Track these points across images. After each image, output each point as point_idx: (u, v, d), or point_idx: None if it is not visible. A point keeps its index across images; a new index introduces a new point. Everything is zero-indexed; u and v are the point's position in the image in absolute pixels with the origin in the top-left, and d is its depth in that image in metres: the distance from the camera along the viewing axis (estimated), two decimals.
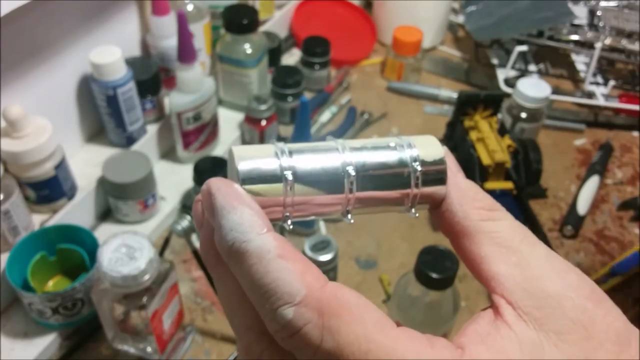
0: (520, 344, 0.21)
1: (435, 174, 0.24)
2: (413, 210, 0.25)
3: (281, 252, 0.20)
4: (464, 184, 0.25)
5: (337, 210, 0.24)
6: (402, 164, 0.24)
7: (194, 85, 0.79)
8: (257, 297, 0.21)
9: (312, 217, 0.24)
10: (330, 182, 0.23)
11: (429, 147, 0.25)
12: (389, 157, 0.24)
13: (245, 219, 0.21)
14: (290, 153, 0.23)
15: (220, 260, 0.23)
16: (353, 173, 0.23)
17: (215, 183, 0.22)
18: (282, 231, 0.68)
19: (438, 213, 0.25)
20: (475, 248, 0.24)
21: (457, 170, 0.25)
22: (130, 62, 0.79)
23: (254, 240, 0.21)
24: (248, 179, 0.22)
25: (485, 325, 0.22)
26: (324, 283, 0.21)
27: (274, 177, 0.23)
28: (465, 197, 0.25)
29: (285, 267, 0.20)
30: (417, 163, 0.24)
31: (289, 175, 0.23)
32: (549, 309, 0.21)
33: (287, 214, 0.23)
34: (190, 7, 0.87)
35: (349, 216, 0.24)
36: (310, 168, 0.23)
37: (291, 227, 0.24)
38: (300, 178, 0.23)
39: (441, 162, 0.25)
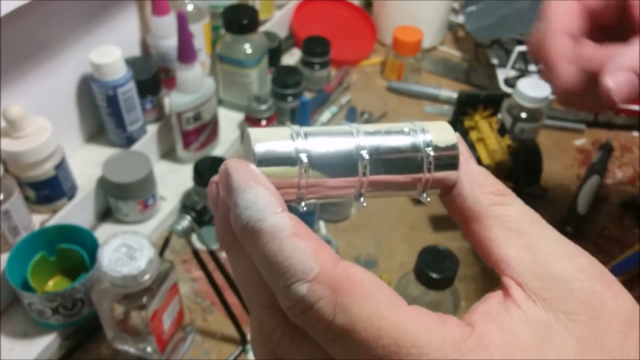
0: (529, 323, 0.21)
1: (447, 159, 0.25)
2: (424, 194, 0.25)
3: (295, 230, 0.21)
4: (475, 170, 0.25)
5: (350, 193, 0.25)
6: (415, 148, 0.25)
7: (194, 85, 0.79)
8: (271, 274, 0.21)
9: (326, 200, 0.25)
10: (344, 165, 0.24)
11: (441, 133, 0.25)
12: (402, 141, 0.25)
13: (260, 197, 0.21)
14: (306, 135, 0.24)
15: (236, 240, 0.23)
16: (367, 157, 0.24)
17: (232, 163, 0.23)
18: None
19: (449, 198, 0.26)
20: (485, 232, 0.24)
21: (469, 156, 0.26)
22: (130, 62, 0.79)
23: (269, 218, 0.21)
24: (264, 161, 0.23)
25: (495, 305, 0.22)
26: (336, 261, 0.21)
27: (289, 159, 0.23)
28: (476, 182, 0.25)
29: (299, 245, 0.21)
30: (430, 148, 0.25)
31: (303, 157, 0.23)
32: (558, 290, 0.21)
33: (302, 195, 0.24)
34: (190, 7, 0.87)
35: (362, 199, 0.25)
36: (325, 151, 0.24)
37: (305, 208, 0.24)
38: (315, 160, 0.23)
39: (454, 147, 0.25)
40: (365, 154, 0.24)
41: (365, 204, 0.25)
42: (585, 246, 0.23)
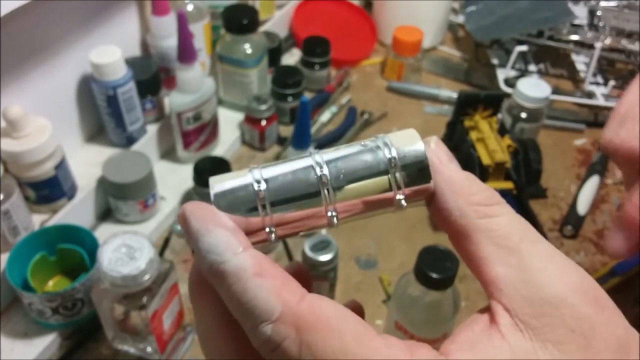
0: (512, 354, 0.20)
1: (416, 172, 0.23)
2: (403, 202, 0.24)
3: (257, 269, 0.21)
4: (457, 177, 0.24)
5: (321, 223, 0.24)
6: (379, 166, 0.23)
7: (194, 85, 0.79)
8: (239, 315, 0.21)
9: (300, 233, 0.24)
10: (306, 194, 0.23)
11: (407, 144, 0.23)
12: (364, 160, 0.23)
13: (220, 240, 0.21)
14: (265, 174, 0.23)
15: (198, 291, 0.24)
16: (328, 182, 0.23)
17: (189, 207, 0.23)
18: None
19: (434, 209, 0.24)
20: (474, 248, 0.23)
21: (448, 160, 0.24)
22: (130, 62, 0.79)
23: (230, 260, 0.21)
24: (222, 199, 0.23)
25: (479, 332, 0.21)
26: (300, 297, 0.21)
27: (246, 193, 0.23)
28: (460, 192, 0.23)
29: (261, 285, 0.21)
30: (395, 164, 0.23)
31: (261, 187, 0.23)
32: (548, 317, 0.20)
33: (270, 229, 0.23)
34: (190, 7, 0.87)
35: (335, 221, 0.24)
36: (283, 180, 0.23)
37: (274, 241, 0.24)
38: (274, 192, 0.23)
39: (421, 158, 0.23)
40: (326, 179, 0.23)
41: (336, 226, 0.24)
42: (585, 246, 0.23)
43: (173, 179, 0.84)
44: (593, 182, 0.88)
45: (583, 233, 0.83)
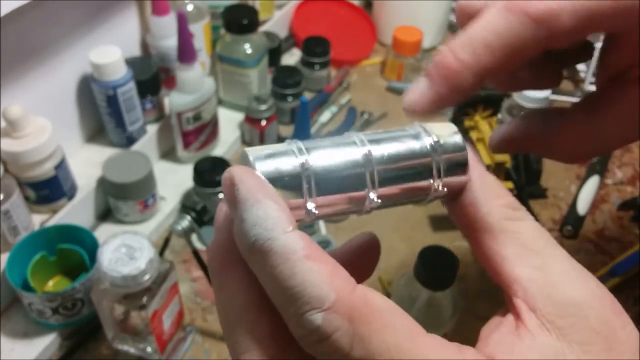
0: (544, 354, 0.20)
1: (457, 162, 0.23)
2: (441, 189, 0.24)
3: (308, 252, 0.19)
4: (489, 178, 0.24)
5: (358, 207, 0.23)
6: (423, 152, 0.23)
7: (194, 85, 0.79)
8: (281, 300, 0.19)
9: (335, 216, 0.23)
10: (350, 178, 0.22)
11: (447, 134, 0.24)
12: (408, 146, 0.23)
13: (270, 214, 0.19)
14: (308, 150, 0.22)
15: (226, 266, 0.22)
16: (374, 167, 0.22)
17: (238, 172, 0.21)
18: None
19: (456, 205, 0.24)
20: (497, 247, 0.23)
21: (478, 160, 0.24)
22: (130, 62, 0.79)
23: (279, 238, 0.19)
24: (265, 168, 0.21)
25: (509, 334, 0.21)
26: (353, 287, 0.19)
27: (293, 177, 0.21)
28: (490, 191, 0.24)
29: (313, 268, 0.19)
30: (438, 151, 0.23)
31: (309, 174, 0.21)
32: (573, 318, 0.21)
33: (310, 212, 0.22)
34: (190, 7, 0.87)
35: (375, 199, 0.23)
36: (330, 165, 0.22)
37: (311, 222, 0.23)
38: (320, 176, 0.22)
39: (462, 149, 0.24)
40: (372, 164, 0.22)
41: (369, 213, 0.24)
42: (585, 246, 0.23)
43: (173, 179, 0.84)
44: (593, 182, 0.88)
45: (583, 233, 0.83)
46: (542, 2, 0.22)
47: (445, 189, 0.24)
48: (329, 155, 0.22)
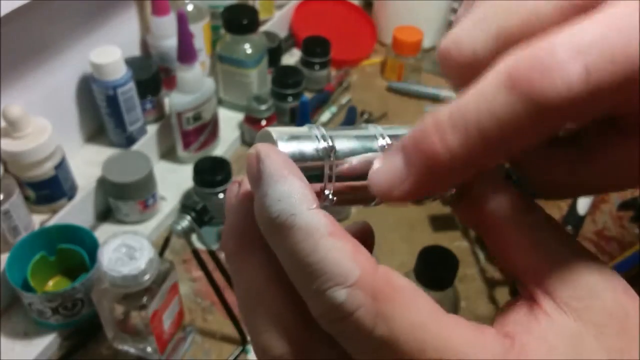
0: (562, 334, 0.20)
1: None
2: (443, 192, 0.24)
3: (332, 229, 0.19)
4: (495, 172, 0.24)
5: (372, 197, 0.23)
6: None
7: (194, 85, 0.79)
8: (301, 276, 0.19)
9: (349, 204, 0.23)
10: (368, 168, 0.22)
11: None
12: None
13: (295, 190, 0.19)
14: (331, 138, 0.22)
15: (243, 246, 0.22)
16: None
17: (264, 148, 0.20)
18: None
19: (465, 203, 0.24)
20: (509, 239, 0.23)
21: None
22: (130, 62, 0.79)
23: (303, 214, 0.19)
24: (287, 147, 0.21)
25: (524, 316, 0.21)
26: (375, 265, 0.19)
27: (316, 161, 0.21)
28: (498, 187, 0.24)
29: (337, 245, 0.19)
30: None
31: (331, 158, 0.22)
32: (589, 300, 0.21)
33: (329, 196, 0.22)
34: (190, 7, 0.87)
35: (380, 203, 0.23)
36: (350, 152, 0.22)
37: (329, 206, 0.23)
38: (341, 162, 0.22)
39: None
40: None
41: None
42: (585, 246, 0.23)
43: (173, 179, 0.84)
44: None
45: (583, 233, 0.83)
46: (559, 78, 0.17)
47: (449, 194, 0.24)
48: (350, 143, 0.22)
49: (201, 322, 0.70)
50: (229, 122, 0.94)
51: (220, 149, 0.90)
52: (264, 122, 0.88)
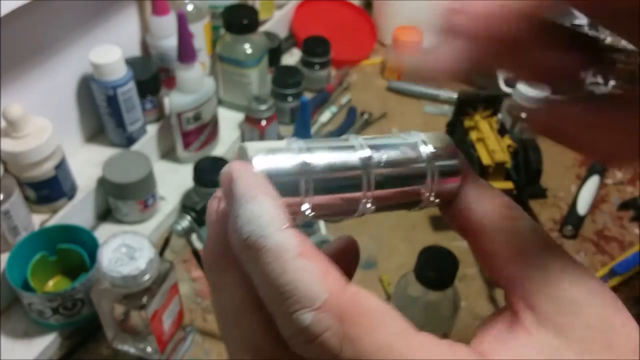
0: (540, 352, 0.20)
1: (450, 169, 0.24)
2: (422, 204, 0.25)
3: (302, 250, 0.19)
4: (482, 181, 0.25)
5: (353, 209, 0.23)
6: (419, 159, 0.24)
7: (194, 85, 0.79)
8: (271, 298, 0.19)
9: (328, 217, 0.24)
10: (348, 180, 0.23)
11: (441, 143, 0.25)
12: (406, 154, 0.24)
13: (265, 211, 0.19)
14: (308, 150, 0.22)
15: (220, 262, 0.22)
16: (371, 170, 0.23)
17: (237, 167, 0.20)
18: None
19: (452, 210, 0.24)
20: (493, 247, 0.23)
21: (470, 167, 0.25)
22: (130, 62, 0.79)
23: (273, 235, 0.19)
24: (263, 163, 0.21)
25: (504, 331, 0.21)
26: (344, 286, 0.19)
27: (292, 175, 0.21)
28: (484, 194, 0.24)
29: (306, 267, 0.19)
30: (434, 158, 0.24)
31: (307, 172, 0.22)
32: (571, 315, 0.20)
33: (307, 211, 0.22)
34: (190, 7, 0.87)
35: (368, 206, 0.24)
36: (329, 166, 0.22)
37: (306, 221, 0.23)
38: (318, 175, 0.22)
39: (456, 157, 0.25)
40: (369, 167, 0.23)
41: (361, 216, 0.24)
42: (585, 246, 0.23)
43: (173, 179, 0.84)
44: (593, 182, 0.88)
45: (583, 233, 0.83)
46: None
47: (437, 200, 0.25)
48: (328, 156, 0.22)
49: (201, 322, 0.70)
50: (229, 122, 0.94)
51: (220, 149, 0.90)
52: (264, 122, 0.88)
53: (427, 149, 0.24)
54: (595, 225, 0.84)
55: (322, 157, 0.22)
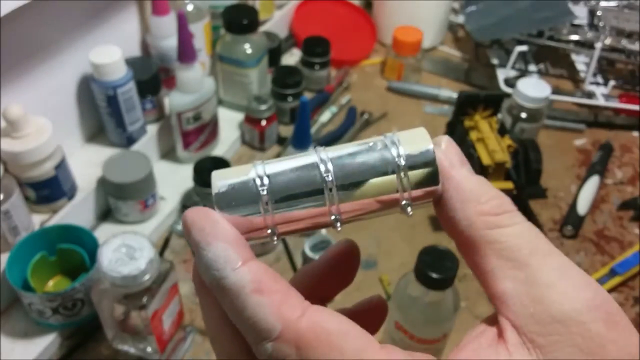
0: None
1: (424, 175, 0.22)
2: (409, 209, 0.23)
3: (256, 285, 0.21)
4: (467, 184, 0.22)
5: (323, 222, 0.23)
6: (385, 166, 0.22)
7: (194, 85, 0.79)
8: (242, 330, 0.21)
9: (301, 232, 0.24)
10: (309, 192, 0.22)
11: (416, 142, 0.22)
12: (370, 159, 0.22)
13: (219, 255, 0.21)
14: (267, 164, 0.23)
15: (202, 290, 0.23)
16: (331, 180, 0.22)
17: (190, 217, 0.22)
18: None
19: (442, 213, 0.23)
20: (481, 261, 0.22)
21: (459, 163, 0.23)
22: (130, 62, 0.79)
23: (229, 277, 0.21)
24: (223, 198, 0.22)
25: (486, 347, 0.21)
26: (301, 312, 0.20)
27: (249, 190, 0.22)
28: (469, 200, 0.22)
29: (260, 302, 0.20)
30: (403, 163, 0.22)
31: (264, 185, 0.22)
32: (556, 335, 0.20)
33: (273, 230, 0.23)
34: (190, 7, 0.87)
35: (338, 225, 0.23)
36: (286, 177, 0.22)
37: (276, 241, 0.23)
38: (276, 188, 0.22)
39: (430, 160, 0.22)
40: (329, 177, 0.22)
41: (339, 230, 0.23)
42: (585, 246, 0.23)
43: (173, 179, 0.84)
44: (593, 182, 0.88)
45: (583, 233, 0.83)
46: None
47: (417, 203, 0.23)
48: (289, 175, 0.23)
49: (201, 322, 0.70)
50: (229, 122, 0.94)
51: (220, 149, 0.90)
52: (264, 122, 0.88)
53: (397, 151, 0.22)
54: (595, 225, 0.84)
55: (279, 167, 0.23)
